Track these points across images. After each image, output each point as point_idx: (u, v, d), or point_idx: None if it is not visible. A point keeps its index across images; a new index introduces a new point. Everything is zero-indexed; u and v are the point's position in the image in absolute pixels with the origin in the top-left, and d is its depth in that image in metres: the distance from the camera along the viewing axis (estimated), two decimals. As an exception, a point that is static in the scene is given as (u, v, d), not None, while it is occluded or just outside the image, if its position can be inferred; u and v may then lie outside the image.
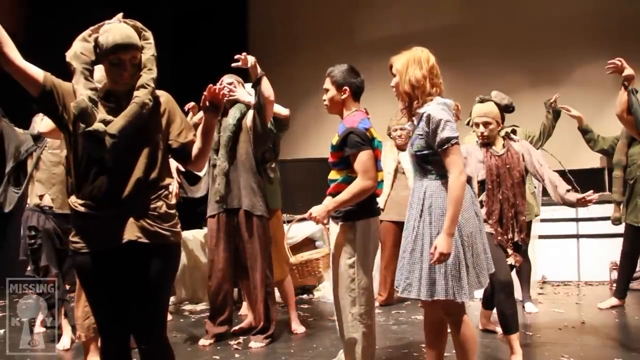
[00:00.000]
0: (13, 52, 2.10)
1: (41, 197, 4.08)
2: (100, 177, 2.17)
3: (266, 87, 3.85)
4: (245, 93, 4.14)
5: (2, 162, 4.27)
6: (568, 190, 3.29)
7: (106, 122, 2.12)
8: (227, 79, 4.13)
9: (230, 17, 9.57)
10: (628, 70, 3.41)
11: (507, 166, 3.40)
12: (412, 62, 2.64)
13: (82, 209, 2.20)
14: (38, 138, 4.14)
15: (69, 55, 2.17)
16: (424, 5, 8.98)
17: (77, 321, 3.46)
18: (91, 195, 2.18)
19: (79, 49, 2.18)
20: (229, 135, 4.02)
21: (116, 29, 2.18)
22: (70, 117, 2.18)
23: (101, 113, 2.16)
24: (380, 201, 5.15)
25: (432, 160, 2.61)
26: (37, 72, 2.15)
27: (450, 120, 2.55)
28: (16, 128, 4.22)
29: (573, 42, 8.26)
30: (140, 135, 2.19)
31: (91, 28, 2.24)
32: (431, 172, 2.63)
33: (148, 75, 2.23)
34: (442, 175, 2.60)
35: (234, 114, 4.08)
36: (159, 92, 2.32)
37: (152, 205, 2.24)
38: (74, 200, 2.24)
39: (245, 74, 4.05)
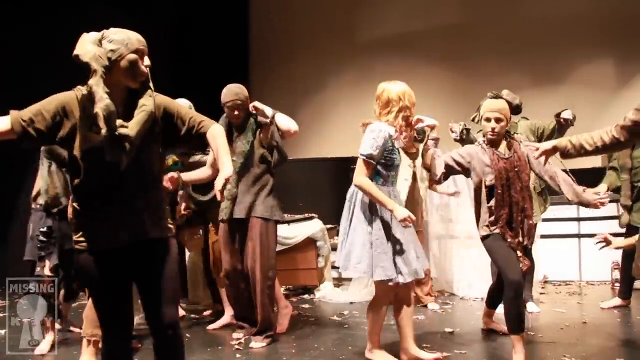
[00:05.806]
0: None
1: (54, 198, 4.06)
2: (114, 180, 2.21)
3: (283, 123, 3.86)
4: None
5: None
6: (584, 190, 3.29)
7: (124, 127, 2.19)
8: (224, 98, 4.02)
9: (231, 17, 9.57)
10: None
11: (516, 169, 3.36)
12: None
13: (92, 213, 2.24)
14: None
15: (88, 56, 2.15)
16: (424, 4, 8.95)
17: None
18: (107, 198, 2.22)
19: (97, 52, 2.17)
20: (242, 162, 3.98)
21: (128, 32, 2.25)
22: (69, 127, 2.19)
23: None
24: None
25: None
26: (4, 125, 2.14)
27: None
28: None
29: (574, 41, 8.25)
30: (145, 136, 2.25)
31: (98, 35, 2.23)
32: None
33: (149, 84, 2.31)
34: None
35: (246, 137, 4.01)
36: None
37: (160, 203, 2.36)
38: (80, 205, 2.26)
39: (243, 80, 3.98)
